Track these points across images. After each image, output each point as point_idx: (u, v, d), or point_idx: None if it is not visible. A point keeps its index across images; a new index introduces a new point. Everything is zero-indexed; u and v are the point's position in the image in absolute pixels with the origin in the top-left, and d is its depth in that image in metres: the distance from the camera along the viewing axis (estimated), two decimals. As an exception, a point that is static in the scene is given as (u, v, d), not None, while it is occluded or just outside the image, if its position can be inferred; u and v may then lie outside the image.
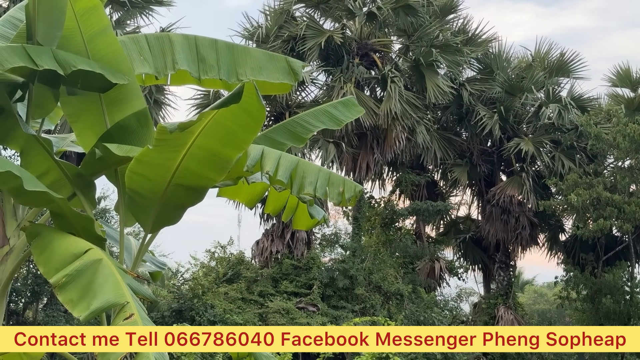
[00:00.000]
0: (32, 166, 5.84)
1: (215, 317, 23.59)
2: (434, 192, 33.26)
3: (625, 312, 30.26)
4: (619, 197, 28.70)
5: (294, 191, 6.46)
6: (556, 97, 31.62)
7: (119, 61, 6.07)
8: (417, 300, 28.43)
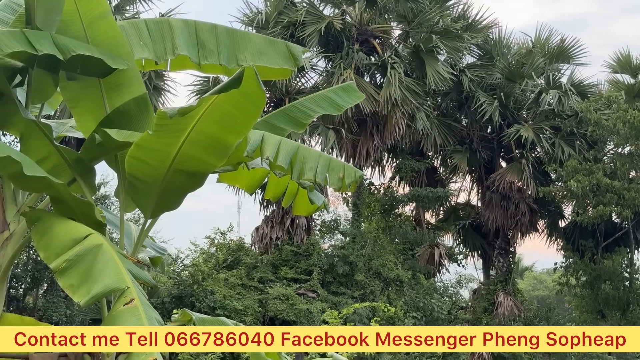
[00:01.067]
0: (32, 151, 5.83)
1: (215, 303, 23.63)
2: (434, 178, 33.26)
3: (625, 298, 30.34)
4: (618, 183, 28.72)
5: (294, 177, 6.44)
6: (556, 84, 31.58)
7: (119, 46, 6.05)
8: (416, 287, 28.49)
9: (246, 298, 24.82)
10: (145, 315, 5.00)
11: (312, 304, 25.07)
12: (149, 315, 5.05)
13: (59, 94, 6.45)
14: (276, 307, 24.63)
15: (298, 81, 29.58)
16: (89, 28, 5.97)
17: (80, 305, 5.14)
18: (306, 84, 29.97)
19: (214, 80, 26.65)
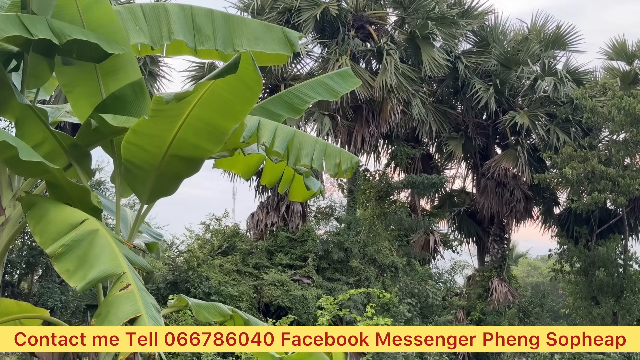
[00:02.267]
0: (28, 136, 5.82)
1: (210, 289, 23.65)
2: (429, 165, 33.31)
3: (618, 285, 30.46)
4: (613, 170, 28.79)
5: (291, 162, 6.44)
6: (552, 70, 31.60)
7: (115, 31, 6.03)
8: (411, 273, 28.55)
9: (241, 284, 24.85)
10: (142, 300, 5.00)
11: (307, 290, 25.11)
12: (145, 300, 5.05)
13: (55, 79, 6.43)
14: (271, 293, 24.67)
15: (294, 67, 29.50)
16: (84, 13, 5.94)
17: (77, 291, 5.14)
18: (302, 70, 29.91)
19: (209, 66, 26.57)
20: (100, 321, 4.95)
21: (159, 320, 5.04)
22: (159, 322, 4.99)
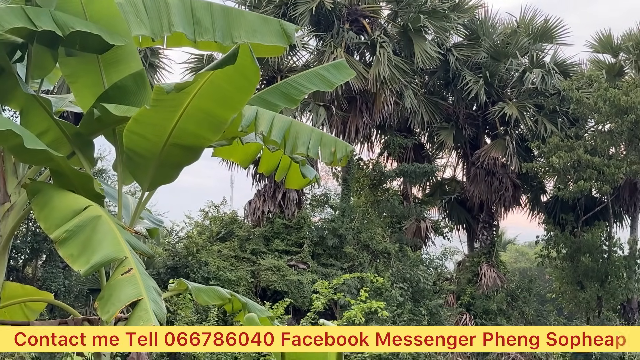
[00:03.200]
0: (32, 125, 5.80)
1: (209, 274, 23.68)
2: (421, 154, 33.33)
3: (603, 270, 30.56)
4: (598, 159, 28.85)
5: (287, 151, 6.44)
6: (540, 63, 31.65)
7: (116, 23, 6.01)
8: (403, 259, 28.61)
9: (239, 269, 24.88)
10: (143, 284, 5.01)
11: (302, 275, 25.16)
12: (147, 284, 5.06)
13: (58, 70, 6.41)
14: (268, 278, 24.72)
15: (290, 59, 29.45)
16: (87, 5, 5.93)
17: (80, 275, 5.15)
18: (298, 62, 29.86)
19: (208, 58, 26.53)
20: (103, 304, 4.95)
21: (160, 303, 5.05)
22: (160, 305, 4.99)
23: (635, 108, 28.28)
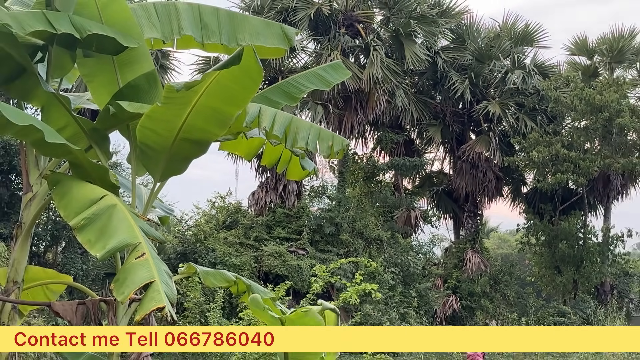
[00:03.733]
0: (52, 121, 5.78)
1: (215, 259, 23.67)
2: (411, 149, 33.33)
3: (578, 255, 30.66)
4: (575, 154, 28.91)
5: (288, 145, 6.44)
6: (521, 65, 31.66)
7: (130, 26, 5.99)
8: (395, 245, 28.63)
9: (243, 255, 24.88)
10: (155, 267, 5.00)
11: (302, 260, 25.18)
12: (159, 267, 5.05)
13: (76, 70, 6.39)
14: (270, 263, 24.72)
15: (290, 61, 29.42)
16: (103, 10, 5.91)
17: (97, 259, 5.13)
18: (297, 63, 29.84)
19: (214, 60, 26.48)
20: (118, 286, 4.94)
21: (171, 285, 5.04)
22: (171, 287, 4.99)
23: (609, 106, 28.31)
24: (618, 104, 28.38)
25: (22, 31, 5.16)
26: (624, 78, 31.15)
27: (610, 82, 29.43)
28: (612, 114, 28.38)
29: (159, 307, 4.66)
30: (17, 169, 22.35)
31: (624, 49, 31.65)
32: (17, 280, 5.80)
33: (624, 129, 28.81)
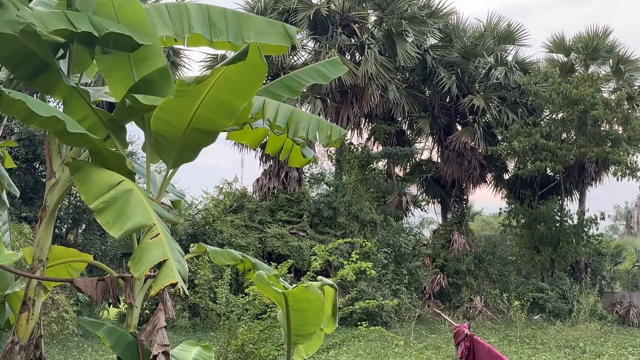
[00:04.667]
0: (73, 113, 5.76)
1: (223, 240, 23.73)
2: (402, 139, 33.36)
3: (556, 237, 30.72)
4: (552, 143, 28.93)
5: (290, 134, 6.42)
6: (503, 61, 31.65)
7: (144, 25, 5.95)
8: (387, 227, 28.69)
9: (248, 236, 24.94)
10: (169, 247, 5.00)
11: (302, 241, 25.23)
12: (172, 247, 5.04)
13: (95, 65, 6.36)
14: (273, 243, 24.78)
15: (291, 58, 29.41)
16: (119, 10, 5.87)
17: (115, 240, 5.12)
18: (298, 60, 29.85)
19: (221, 57, 26.43)
20: (135, 264, 4.93)
21: (183, 263, 5.04)
22: (183, 265, 4.98)
23: (584, 100, 28.30)
24: (592, 98, 28.36)
25: (45, 30, 5.13)
26: (598, 74, 31.10)
27: (586, 78, 29.38)
28: (587, 107, 28.36)
29: (172, 283, 4.66)
30: (40, 158, 22.37)
31: (598, 47, 31.59)
32: (42, 259, 5.80)
33: (597, 121, 28.81)
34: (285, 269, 9.71)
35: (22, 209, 21.87)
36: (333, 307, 6.23)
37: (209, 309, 10.38)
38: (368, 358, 17.12)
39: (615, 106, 28.66)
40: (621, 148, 28.71)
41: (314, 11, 28.09)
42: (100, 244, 23.64)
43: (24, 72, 5.60)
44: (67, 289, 19.33)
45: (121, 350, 5.59)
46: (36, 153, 22.33)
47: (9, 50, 5.33)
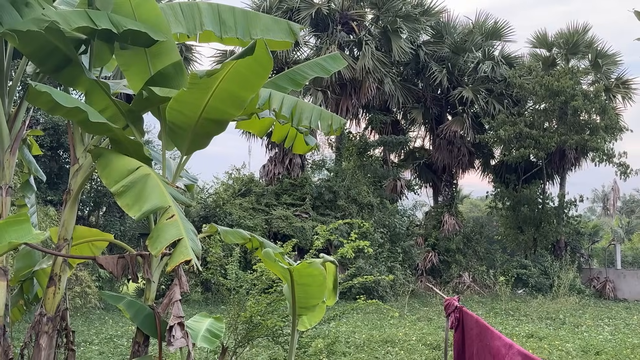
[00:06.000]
0: (95, 104, 5.75)
1: (232, 222, 23.75)
2: (397, 128, 33.30)
3: (538, 218, 30.75)
4: (535, 132, 28.90)
5: (294, 123, 6.41)
6: (490, 56, 31.50)
7: (159, 23, 5.93)
8: (383, 209, 28.71)
9: (256, 218, 24.96)
10: (183, 227, 5.00)
11: (305, 222, 25.26)
12: (186, 227, 5.05)
13: (114, 60, 6.34)
14: (278, 224, 24.80)
15: (294, 54, 29.28)
16: (136, 8, 5.85)
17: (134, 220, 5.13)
18: (300, 56, 29.70)
19: (230, 53, 26.36)
20: (152, 242, 4.93)
21: (196, 241, 5.05)
22: (197, 243, 5.00)
23: (565, 91, 28.24)
24: (572, 89, 28.29)
25: (68, 27, 5.11)
26: (578, 67, 30.99)
27: (566, 71, 29.29)
28: (567, 98, 28.29)
29: (186, 260, 4.67)
30: (64, 146, 22.36)
31: (578, 43, 31.45)
32: (67, 238, 5.82)
33: (577, 111, 28.75)
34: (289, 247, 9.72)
35: (47, 193, 21.90)
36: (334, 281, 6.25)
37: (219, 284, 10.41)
38: (366, 329, 17.20)
39: (593, 97, 28.59)
40: (599, 136, 28.66)
41: (316, 10, 27.97)
42: (119, 225, 23.69)
43: (49, 67, 5.59)
44: (89, 265, 19.41)
45: (140, 321, 5.62)
46: (60, 141, 22.33)
47: (35, 45, 5.32)
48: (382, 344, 14.79)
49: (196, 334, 6.44)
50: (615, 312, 22.97)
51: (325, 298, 6.10)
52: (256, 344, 12.16)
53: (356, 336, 15.65)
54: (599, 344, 14.97)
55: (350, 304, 10.58)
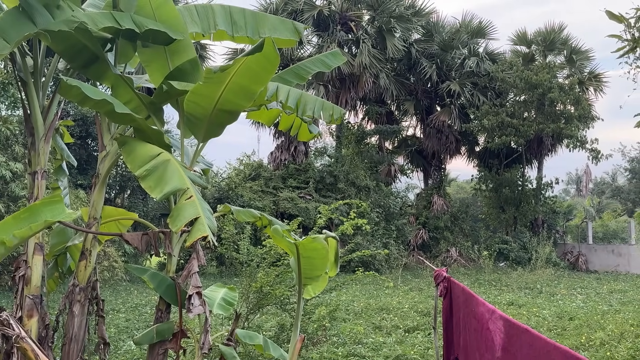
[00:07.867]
0: (120, 96, 5.74)
1: (243, 203, 23.81)
2: (391, 118, 33.24)
3: (518, 198, 30.78)
4: (516, 121, 28.84)
5: (299, 114, 6.39)
6: (475, 53, 31.37)
7: (177, 23, 5.90)
8: (379, 191, 28.74)
9: (264, 199, 25.01)
10: (200, 207, 5.01)
11: (308, 203, 25.29)
12: (203, 206, 5.06)
13: (137, 57, 6.33)
14: (285, 205, 24.86)
15: (299, 51, 29.19)
16: (156, 10, 5.82)
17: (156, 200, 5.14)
18: (304, 53, 29.61)
19: (240, 51, 26.27)
20: (172, 220, 4.94)
21: (212, 219, 5.06)
22: (212, 221, 5.01)
23: (542, 84, 28.15)
24: (549, 83, 28.19)
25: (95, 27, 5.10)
26: (554, 62, 30.87)
27: (544, 66, 29.17)
28: (544, 90, 28.19)
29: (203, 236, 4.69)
30: (92, 135, 22.38)
31: (555, 40, 31.28)
32: (96, 217, 5.85)
33: (553, 102, 28.66)
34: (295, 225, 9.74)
35: (78, 177, 21.94)
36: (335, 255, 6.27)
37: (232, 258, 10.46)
38: (363, 298, 17.28)
39: (568, 90, 28.49)
40: (573, 124, 28.60)
41: (317, 11, 27.83)
42: (142, 206, 23.76)
43: (78, 63, 5.59)
44: (116, 242, 19.48)
45: (162, 291, 5.66)
46: (89, 131, 22.35)
47: (65, 44, 5.31)
48: (378, 311, 14.87)
49: (212, 302, 6.47)
50: (587, 283, 23.04)
51: (327, 269, 6.11)
52: (266, 311, 12.24)
53: (355, 304, 15.73)
54: (572, 311, 15.04)
55: (350, 276, 10.63)
